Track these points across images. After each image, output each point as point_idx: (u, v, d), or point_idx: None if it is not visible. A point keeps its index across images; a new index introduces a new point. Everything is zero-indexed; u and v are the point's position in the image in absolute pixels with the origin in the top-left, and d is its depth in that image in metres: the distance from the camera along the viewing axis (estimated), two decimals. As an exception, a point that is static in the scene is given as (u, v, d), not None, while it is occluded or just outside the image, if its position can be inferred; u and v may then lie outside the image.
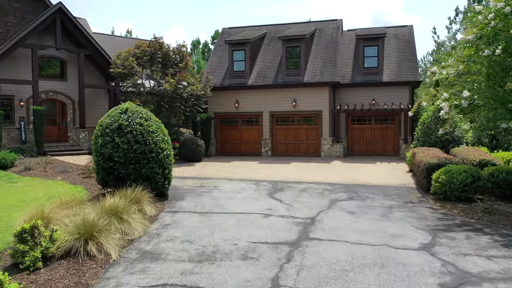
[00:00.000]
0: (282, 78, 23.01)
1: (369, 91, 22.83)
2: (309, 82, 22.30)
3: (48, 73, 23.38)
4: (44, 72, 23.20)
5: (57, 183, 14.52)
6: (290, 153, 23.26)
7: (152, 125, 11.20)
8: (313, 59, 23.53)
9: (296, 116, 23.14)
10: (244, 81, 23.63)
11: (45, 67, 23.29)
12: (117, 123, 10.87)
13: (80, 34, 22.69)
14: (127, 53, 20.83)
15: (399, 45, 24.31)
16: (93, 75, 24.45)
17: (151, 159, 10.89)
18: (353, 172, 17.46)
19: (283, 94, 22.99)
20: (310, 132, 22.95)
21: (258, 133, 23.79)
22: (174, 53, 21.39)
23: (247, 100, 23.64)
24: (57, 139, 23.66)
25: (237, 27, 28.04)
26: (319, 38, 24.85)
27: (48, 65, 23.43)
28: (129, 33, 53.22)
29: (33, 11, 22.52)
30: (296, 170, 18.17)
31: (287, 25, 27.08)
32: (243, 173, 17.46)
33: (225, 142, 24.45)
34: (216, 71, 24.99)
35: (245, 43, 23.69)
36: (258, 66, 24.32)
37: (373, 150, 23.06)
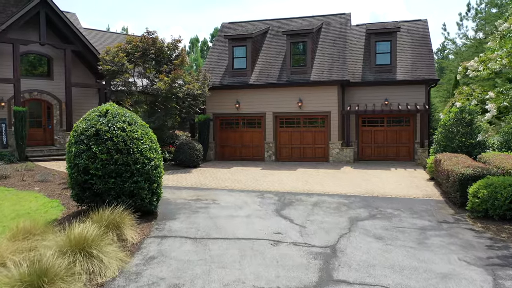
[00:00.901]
0: (287, 76, 21.16)
1: (382, 90, 20.98)
2: (316, 80, 20.44)
3: (32, 71, 21.51)
4: (28, 70, 21.33)
5: (32, 195, 12.65)
6: (295, 158, 21.40)
7: (137, 131, 9.32)
8: (320, 56, 21.67)
9: (302, 118, 21.28)
10: (245, 80, 21.77)
11: (29, 64, 21.41)
12: (95, 128, 9.00)
13: (66, 28, 20.81)
14: (117, 48, 18.97)
15: (413, 40, 22.45)
16: (81, 73, 22.58)
17: (135, 171, 9.02)
18: (368, 180, 15.61)
19: (288, 94, 21.14)
20: (317, 135, 21.09)
21: (260, 136, 21.93)
22: (169, 49, 19.52)
23: (248, 100, 21.79)
24: (42, 142, 21.79)
25: (237, 22, 26.18)
26: (326, 33, 23.00)
27: (33, 62, 21.55)
28: (125, 30, 51.35)
29: (15, 3, 20.65)
30: (304, 178, 16.32)
31: (291, 19, 25.23)
32: (245, 181, 15.62)
33: (225, 145, 22.60)
34: (215, 68, 23.13)
35: (247, 38, 21.83)
36: (261, 63, 22.47)
37: (386, 155, 21.20)
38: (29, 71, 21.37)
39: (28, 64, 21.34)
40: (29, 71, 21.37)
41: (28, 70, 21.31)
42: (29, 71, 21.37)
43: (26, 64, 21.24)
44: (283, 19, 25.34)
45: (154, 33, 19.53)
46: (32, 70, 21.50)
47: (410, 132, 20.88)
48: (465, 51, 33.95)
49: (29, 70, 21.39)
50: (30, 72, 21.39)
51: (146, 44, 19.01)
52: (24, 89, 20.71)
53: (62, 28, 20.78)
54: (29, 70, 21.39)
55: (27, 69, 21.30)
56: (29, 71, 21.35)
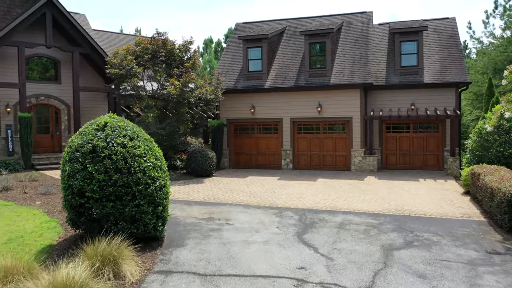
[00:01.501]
0: (305, 79, 19.87)
1: (408, 94, 19.53)
2: (337, 83, 19.10)
3: (39, 75, 20.67)
4: (35, 73, 20.50)
5: (31, 212, 11.65)
6: (314, 166, 20.09)
7: (140, 146, 8.17)
8: (340, 57, 20.32)
9: (321, 124, 19.96)
10: (261, 83, 20.55)
11: (35, 68, 20.58)
12: (91, 144, 7.89)
13: (74, 30, 19.89)
14: (125, 51, 17.95)
15: (440, 40, 20.92)
16: (90, 76, 21.67)
17: (137, 193, 7.88)
18: (396, 194, 14.24)
19: (306, 98, 19.84)
20: (338, 142, 19.74)
21: (277, 142, 20.68)
22: (180, 51, 18.43)
23: (264, 104, 20.56)
24: (50, 149, 20.94)
25: (252, 22, 24.98)
26: (346, 32, 21.62)
27: (40, 66, 20.71)
28: (138, 31, 50.63)
29: (20, 4, 19.80)
30: (325, 190, 15.03)
31: (309, 18, 23.91)
32: (261, 194, 14.41)
33: (239, 152, 21.41)
34: (229, 71, 21.96)
35: (262, 39, 20.60)
36: (277, 65, 21.22)
37: (412, 163, 19.73)
38: (36, 75, 20.53)
39: (34, 68, 20.50)
40: (36, 75, 20.54)
41: (34, 73, 20.48)
42: (36, 75, 20.54)
43: (32, 68, 20.40)
44: (300, 18, 24.04)
45: (165, 34, 18.46)
46: (39, 73, 20.66)
47: (438, 139, 19.38)
48: (493, 50, 32.12)
49: (36, 73, 20.55)
50: (37, 76, 20.55)
51: (156, 46, 17.95)
52: (30, 93, 19.89)
53: (69, 30, 19.88)
54: (36, 73, 20.55)
55: (34, 73, 20.46)
56: (35, 75, 20.51)
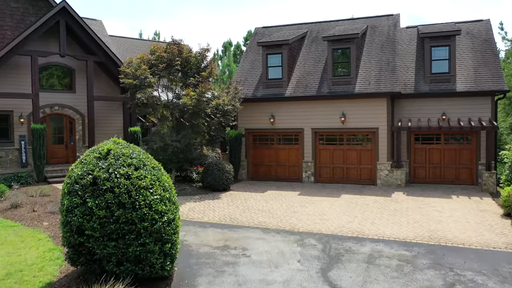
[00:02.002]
0: (328, 88, 18.78)
1: (438, 103, 18.23)
2: (362, 92, 17.96)
3: (53, 84, 20.19)
4: (48, 82, 20.03)
5: (37, 236, 10.99)
6: (337, 180, 18.98)
7: (146, 177, 7.31)
8: (366, 64, 19.15)
9: (345, 134, 18.84)
10: (281, 91, 19.56)
11: (49, 77, 20.11)
12: (91, 175, 7.07)
13: (88, 38, 19.32)
14: (139, 59, 17.23)
15: (474, 44, 19.51)
16: (105, 85, 21.10)
17: (142, 231, 7.02)
18: (428, 215, 13.06)
19: (329, 107, 18.76)
20: (363, 154, 18.59)
21: (298, 154, 19.65)
22: (196, 59, 17.60)
23: (284, 114, 19.57)
24: (64, 160, 20.46)
25: (272, 27, 24.00)
26: (372, 37, 20.43)
27: (54, 75, 20.23)
28: (157, 35, 50.27)
29: (34, 12, 19.36)
30: (350, 210, 13.95)
31: (332, 22, 22.80)
32: (280, 214, 13.45)
33: (258, 164, 20.47)
34: (247, 78, 21.05)
35: (282, 45, 19.60)
36: (298, 72, 20.19)
37: (443, 177, 18.41)
38: (50, 84, 20.07)
39: (48, 77, 20.04)
40: (50, 84, 20.07)
41: (48, 83, 20.02)
42: (50, 84, 20.07)
43: (46, 77, 19.94)
44: (322, 22, 22.95)
45: (180, 41, 17.66)
46: (53, 83, 20.19)
47: (472, 151, 18.01)
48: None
49: (50, 83, 20.09)
50: (51, 85, 20.09)
51: (171, 54, 17.18)
52: (44, 103, 19.44)
53: (83, 38, 19.32)
54: (50, 83, 20.09)
55: (48, 82, 20.01)
56: (49, 84, 20.05)
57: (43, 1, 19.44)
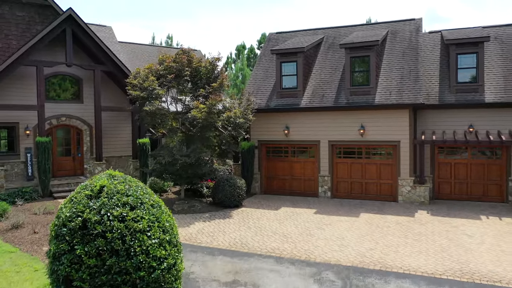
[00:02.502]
0: (346, 98, 17.72)
1: (465, 114, 17.02)
2: (383, 103, 16.85)
3: (60, 94, 19.57)
4: (55, 92, 19.41)
5: (33, 265, 10.25)
6: (355, 195, 17.91)
7: (144, 217, 6.45)
8: (386, 72, 18.03)
9: (364, 147, 17.76)
10: (296, 102, 18.57)
11: (56, 87, 19.48)
12: (81, 217, 6.23)
13: (95, 47, 18.63)
14: (147, 70, 16.45)
15: (503, 51, 18.22)
16: (113, 94, 20.40)
17: (138, 281, 6.16)
18: (457, 242, 11.96)
19: (347, 119, 17.71)
20: (383, 168, 17.48)
21: (313, 167, 18.64)
22: (207, 69, 16.75)
23: (299, 125, 18.58)
24: (71, 172, 19.82)
25: (286, 32, 23.00)
26: (392, 43, 19.29)
27: (60, 85, 19.59)
28: (169, 38, 49.69)
29: (41, 21, 18.74)
30: (371, 233, 12.91)
31: (349, 27, 21.70)
32: (295, 237, 12.52)
33: (272, 177, 19.52)
34: (260, 87, 20.11)
35: (297, 52, 18.61)
36: (314, 81, 19.17)
37: (469, 194, 17.19)
38: (57, 94, 19.45)
39: (55, 87, 19.42)
40: (57, 94, 19.46)
41: (55, 93, 19.40)
42: (57, 94, 19.46)
43: (53, 87, 19.33)
44: (339, 27, 21.87)
45: (190, 51, 16.83)
46: (60, 93, 19.57)
47: (501, 166, 16.74)
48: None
49: (57, 93, 19.47)
50: (58, 95, 19.47)
51: (180, 64, 16.35)
52: (50, 114, 18.83)
53: (91, 47, 18.65)
54: (57, 93, 19.47)
55: (55, 92, 19.39)
56: (56, 94, 19.43)
57: (50, 9, 18.81)
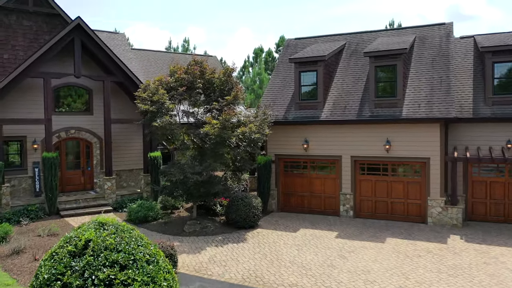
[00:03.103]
0: (370, 110, 16.42)
1: (502, 128, 15.53)
2: (411, 117, 15.50)
3: (69, 106, 18.83)
4: (64, 104, 18.69)
5: (28, 304, 9.38)
6: (380, 215, 16.60)
7: (135, 280, 5.40)
8: (415, 82, 16.66)
9: (389, 164, 16.43)
10: (316, 114, 17.36)
11: (65, 98, 18.76)
12: (61, 281, 5.21)
13: (105, 57, 17.82)
14: (158, 82, 15.51)
15: (544, 58, 16.59)
16: (124, 105, 19.55)
17: None
18: (499, 277, 10.73)
19: (372, 133, 16.41)
20: (411, 187, 16.12)
21: (334, 184, 17.39)
22: (220, 81, 15.71)
23: (320, 139, 17.37)
24: (81, 186, 19.08)
25: (305, 38, 21.78)
26: (421, 50, 17.88)
27: (69, 96, 18.87)
28: (186, 42, 48.99)
29: (49, 30, 18.03)
30: (398, 264, 11.68)
31: (372, 33, 20.34)
32: (315, 270, 11.39)
33: (289, 193, 18.35)
34: (278, 98, 18.96)
35: (318, 61, 17.39)
36: (335, 91, 17.92)
37: (507, 216, 15.68)
38: (66, 106, 18.71)
39: (64, 98, 18.69)
40: (66, 106, 18.72)
41: (64, 104, 18.67)
42: (66, 106, 18.72)
43: (62, 98, 18.62)
44: (362, 33, 20.52)
45: (203, 61, 15.82)
46: (69, 104, 18.83)
47: (544, 186, 15.20)
48: None
49: (66, 104, 18.74)
50: (67, 107, 18.76)
51: (192, 76, 15.35)
52: (59, 127, 18.13)
53: (100, 57, 17.83)
54: (66, 104, 18.74)
55: (64, 104, 18.66)
56: (65, 106, 18.70)
57: (58, 18, 18.08)
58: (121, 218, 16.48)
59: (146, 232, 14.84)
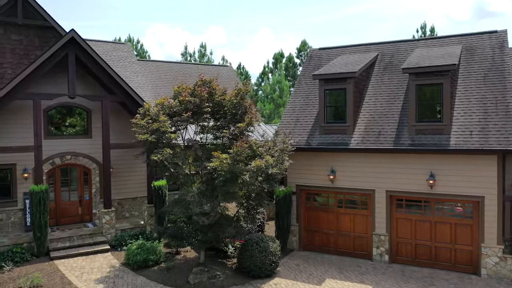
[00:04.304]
0: (410, 138, 13.80)
1: None
2: (461, 148, 12.82)
3: (64, 129, 16.83)
4: (58, 127, 16.70)
5: None
6: (422, 261, 13.97)
7: None
8: (463, 103, 13.96)
9: (433, 201, 13.78)
10: (344, 139, 14.84)
11: (60, 119, 16.77)
12: None
13: (103, 74, 15.74)
14: (159, 105, 13.28)
15: None
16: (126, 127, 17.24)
17: None
18: None
19: (412, 165, 13.80)
20: (460, 230, 13.43)
21: (366, 222, 14.84)
22: (232, 103, 13.36)
23: (349, 169, 14.85)
24: (78, 218, 17.09)
25: (330, 48, 19.22)
26: (469, 64, 15.14)
27: (65, 117, 16.88)
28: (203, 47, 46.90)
29: (41, 45, 16.06)
30: None
31: (409, 42, 17.66)
32: None
33: (313, 230, 15.89)
34: (299, 119, 16.52)
35: (347, 78, 14.87)
36: (367, 113, 15.36)
37: None
38: (61, 129, 16.72)
39: (58, 120, 16.70)
40: (61, 129, 16.73)
41: (59, 127, 16.67)
42: (61, 129, 16.73)
43: (56, 120, 16.64)
44: (397, 42, 17.84)
45: (211, 81, 13.50)
46: (64, 127, 16.82)
47: None
48: None
49: (61, 127, 16.73)
50: (62, 130, 16.73)
51: (199, 98, 13.06)
52: (54, 152, 16.21)
53: (97, 74, 15.76)
54: (61, 127, 16.73)
55: (58, 126, 16.67)
56: (60, 129, 16.71)
57: (51, 31, 16.10)
58: (119, 261, 14.34)
59: (144, 283, 12.65)
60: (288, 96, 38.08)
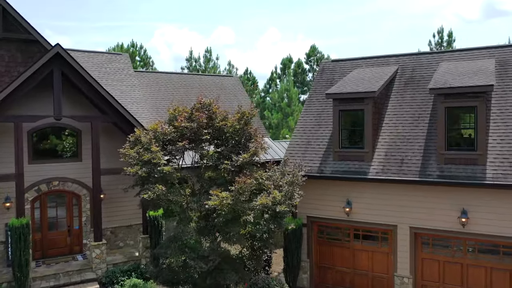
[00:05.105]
0: (438, 167, 12.05)
1: None
2: (499, 183, 11.06)
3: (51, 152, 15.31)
4: (44, 150, 15.20)
5: None
6: (451, 310, 12.22)
7: None
8: (499, 128, 12.18)
9: (465, 241, 12.02)
10: (361, 167, 13.12)
11: (46, 142, 15.28)
12: None
13: (92, 93, 14.20)
14: (152, 133, 11.69)
15: None
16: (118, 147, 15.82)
17: None
18: None
19: (440, 198, 12.06)
20: (498, 276, 11.65)
21: (386, 260, 13.12)
22: (234, 129, 11.73)
23: (367, 201, 13.14)
24: (66, 250, 15.61)
25: (344, 60, 17.48)
26: (504, 82, 13.34)
27: (51, 139, 15.38)
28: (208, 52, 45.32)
29: (24, 60, 14.58)
30: None
31: (433, 54, 15.88)
32: None
33: (326, 267, 14.20)
34: (310, 142, 14.82)
35: (365, 98, 13.15)
36: (387, 136, 13.62)
37: None
38: (47, 153, 15.21)
39: (44, 143, 15.20)
40: (47, 152, 15.22)
41: (44, 151, 15.17)
42: (47, 152, 15.22)
43: (42, 143, 15.14)
44: (419, 54, 16.07)
45: (211, 104, 11.87)
46: (51, 150, 15.31)
47: None
48: None
49: (47, 151, 15.23)
50: (48, 154, 15.22)
51: (197, 123, 11.46)
52: (39, 178, 14.74)
53: (86, 93, 14.23)
54: (47, 151, 15.23)
55: (44, 150, 15.17)
56: (46, 152, 15.20)
57: (36, 45, 14.58)
58: (108, 304, 12.80)
59: (134, 336, 11.07)
60: (297, 105, 36.36)
